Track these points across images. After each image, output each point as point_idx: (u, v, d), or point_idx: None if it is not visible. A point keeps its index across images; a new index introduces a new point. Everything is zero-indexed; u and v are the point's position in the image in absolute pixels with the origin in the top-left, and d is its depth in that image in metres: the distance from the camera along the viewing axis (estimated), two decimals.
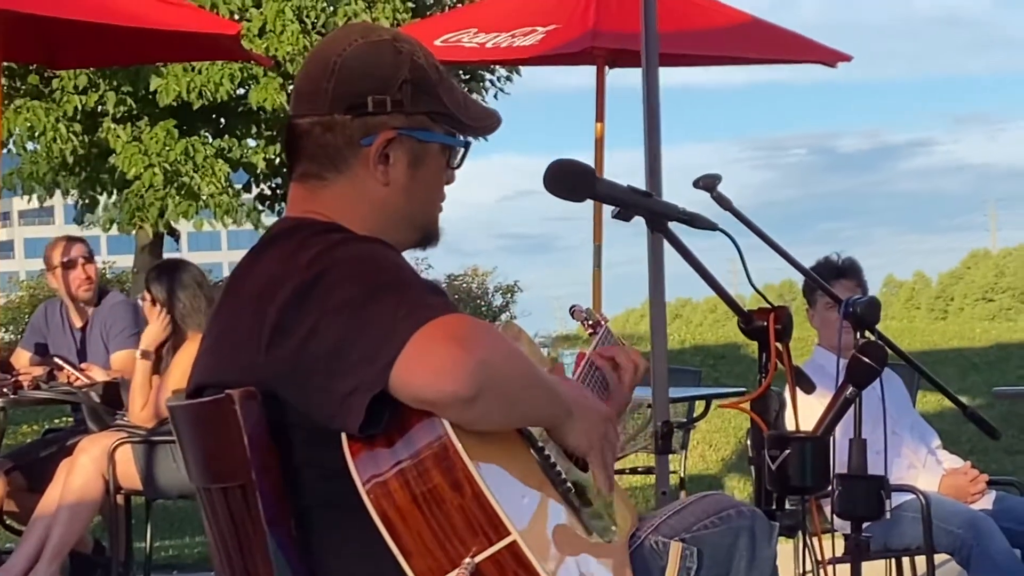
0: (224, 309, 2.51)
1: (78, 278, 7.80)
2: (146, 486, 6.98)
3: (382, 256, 2.38)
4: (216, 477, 2.40)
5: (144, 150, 15.93)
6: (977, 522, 5.67)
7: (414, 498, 2.19)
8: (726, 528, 2.78)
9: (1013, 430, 14.70)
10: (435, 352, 2.17)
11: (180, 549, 9.33)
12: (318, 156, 2.53)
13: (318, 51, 2.58)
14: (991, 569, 5.60)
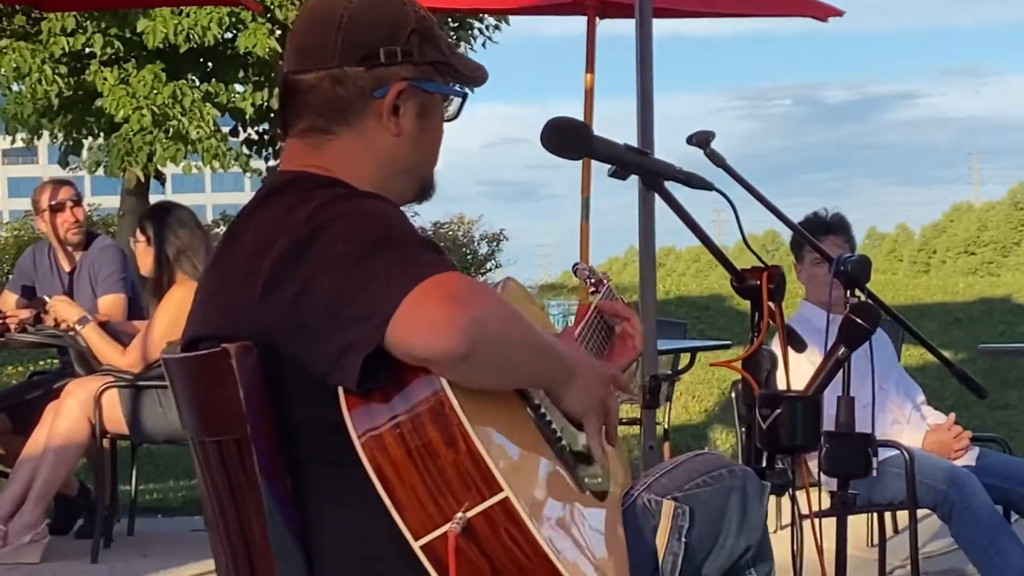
0: (220, 262, 2.51)
1: (66, 221, 7.78)
2: (132, 430, 6.99)
3: (381, 212, 2.37)
4: (211, 430, 2.41)
5: (132, 93, 15.87)
6: (960, 478, 5.70)
7: (408, 452, 2.20)
8: (718, 487, 2.80)
9: (996, 386, 14.77)
10: (430, 309, 2.18)
11: (165, 492, 9.35)
12: (326, 110, 2.52)
13: (319, 5, 2.56)
14: (973, 525, 5.63)
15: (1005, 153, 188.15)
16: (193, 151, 16.17)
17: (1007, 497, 5.95)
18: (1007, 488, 5.92)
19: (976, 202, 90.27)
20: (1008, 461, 6.08)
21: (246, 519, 2.36)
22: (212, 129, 16.26)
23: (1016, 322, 17.60)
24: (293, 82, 2.55)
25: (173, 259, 6.95)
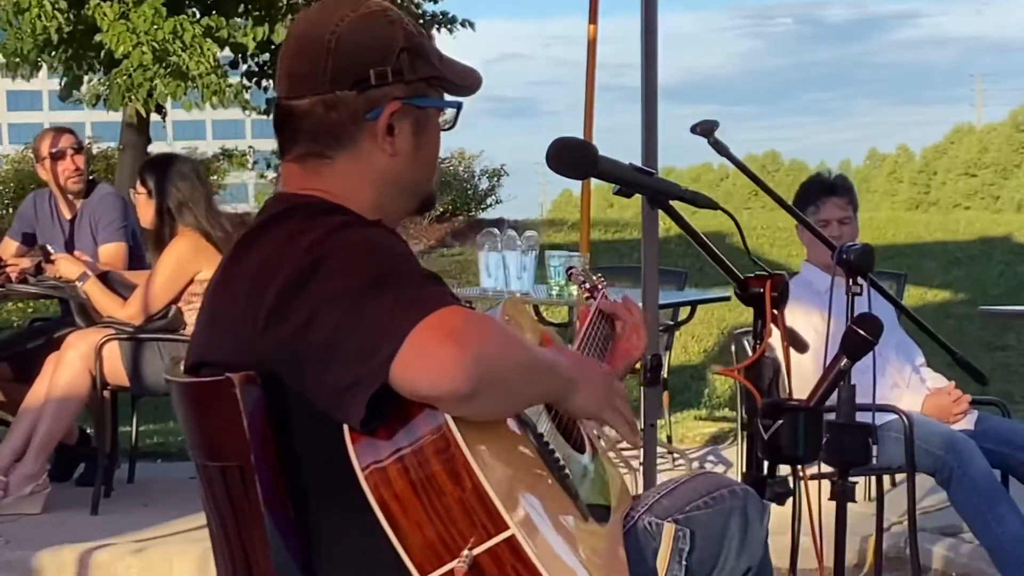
0: (221, 286, 2.51)
1: (67, 169, 7.77)
2: (133, 383, 7.01)
3: (382, 244, 2.37)
4: (214, 456, 2.42)
5: (132, 28, 15.75)
6: (958, 444, 5.72)
7: (413, 488, 2.20)
8: (719, 508, 2.81)
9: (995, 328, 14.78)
10: (432, 350, 2.18)
11: (165, 436, 9.38)
12: (320, 135, 2.51)
13: (307, 30, 2.54)
14: (970, 491, 5.66)
15: (1007, 74, 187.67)
16: (193, 87, 16.06)
17: (1005, 462, 5.97)
18: (1006, 453, 5.94)
19: (977, 124, 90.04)
20: (1007, 426, 6.10)
21: (248, 543, 2.37)
22: (212, 65, 16.15)
23: (1016, 261, 17.62)
24: (287, 108, 2.54)
25: (175, 211, 6.93)
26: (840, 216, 6.14)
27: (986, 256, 17.79)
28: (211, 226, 6.94)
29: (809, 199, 6.19)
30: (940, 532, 6.77)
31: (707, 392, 11.90)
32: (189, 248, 6.93)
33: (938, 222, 19.78)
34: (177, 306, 6.97)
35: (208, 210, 6.97)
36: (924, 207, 71.64)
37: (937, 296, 15.96)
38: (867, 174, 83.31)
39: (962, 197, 71.54)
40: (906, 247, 17.62)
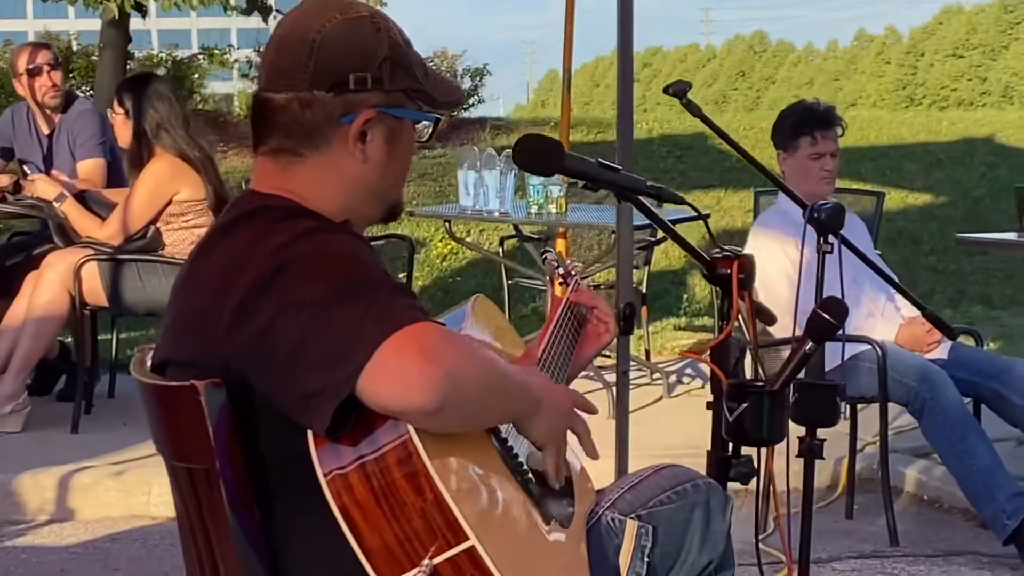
0: (187, 286, 2.51)
1: (44, 85, 7.75)
2: (112, 303, 7.04)
3: (351, 252, 2.37)
4: (180, 457, 2.43)
5: None
6: (931, 375, 5.77)
7: (374, 495, 2.22)
8: (682, 503, 2.84)
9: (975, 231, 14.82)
10: (402, 364, 2.19)
11: None
12: (294, 132, 2.50)
13: (293, 26, 2.53)
14: (942, 422, 5.72)
15: None
16: None
17: (977, 391, 6.03)
18: (978, 382, 6.00)
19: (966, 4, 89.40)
20: (980, 355, 6.15)
21: (216, 543, 2.39)
22: None
23: (998, 163, 17.61)
24: (265, 99, 2.53)
25: (152, 133, 6.93)
26: (833, 149, 6.15)
27: (968, 157, 17.76)
28: (189, 147, 6.94)
29: (805, 130, 6.16)
30: (912, 453, 6.86)
31: (686, 298, 11.96)
32: (166, 169, 6.93)
33: (921, 123, 19.73)
34: (155, 226, 6.99)
35: (186, 131, 6.97)
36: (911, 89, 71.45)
37: (919, 199, 15.97)
38: (854, 55, 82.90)
39: (949, 79, 71.27)
40: (888, 148, 17.60)
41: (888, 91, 73.96)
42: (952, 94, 69.45)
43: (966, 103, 66.54)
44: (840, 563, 5.64)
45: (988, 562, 5.64)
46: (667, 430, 7.05)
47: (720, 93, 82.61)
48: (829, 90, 77.90)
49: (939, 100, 69.43)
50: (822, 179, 6.15)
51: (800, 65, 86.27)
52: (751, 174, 15.52)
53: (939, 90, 71.38)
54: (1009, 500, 5.52)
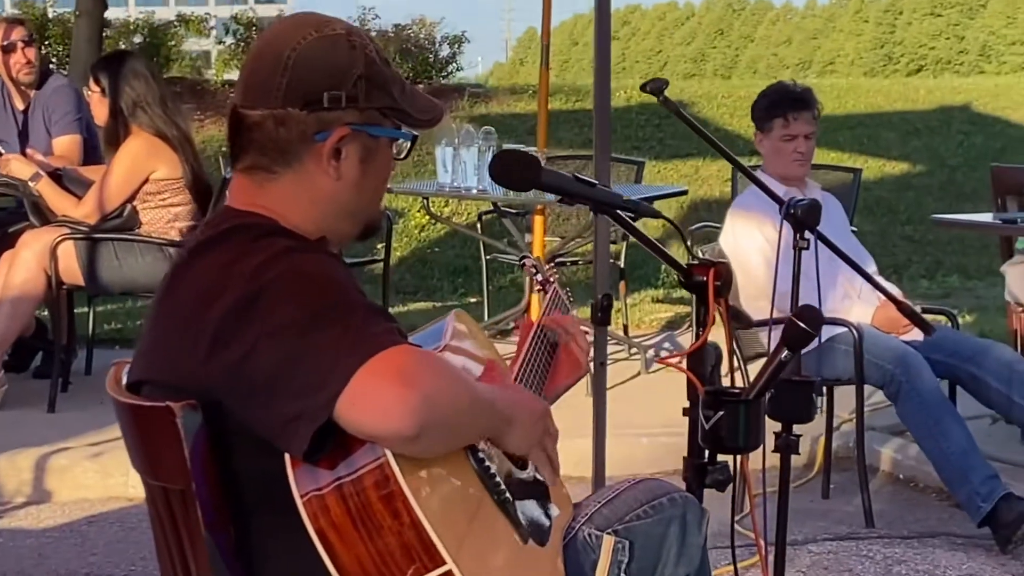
0: (164, 307, 2.49)
1: (18, 62, 7.72)
2: (88, 282, 7.03)
3: (326, 273, 2.36)
4: (156, 476, 2.43)
5: None
6: (907, 358, 5.79)
7: (351, 518, 2.22)
8: (658, 518, 2.84)
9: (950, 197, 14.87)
10: (379, 389, 2.19)
11: (123, 320, 9.39)
12: (268, 149, 2.50)
13: (269, 42, 2.52)
14: (918, 405, 5.75)
15: None
16: None
17: (953, 373, 6.05)
18: (953, 364, 6.02)
19: None
20: (955, 337, 6.17)
21: (192, 561, 2.40)
22: None
23: (974, 132, 17.65)
24: (240, 115, 2.52)
25: (128, 111, 6.91)
26: (807, 131, 6.17)
27: (945, 126, 17.79)
28: (166, 125, 6.93)
29: (778, 112, 6.19)
30: (888, 431, 6.89)
31: (663, 269, 11.97)
32: (143, 148, 6.91)
33: (898, 91, 19.73)
34: (132, 205, 6.97)
35: (163, 109, 6.95)
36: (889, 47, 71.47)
37: (896, 168, 16.00)
38: (833, 13, 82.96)
39: (927, 37, 71.41)
40: (865, 117, 17.61)
41: (866, 49, 74.01)
42: (930, 52, 69.57)
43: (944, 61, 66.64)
44: (816, 545, 5.67)
45: (963, 543, 5.67)
46: (644, 407, 7.07)
47: (699, 51, 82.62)
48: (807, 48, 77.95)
49: (917, 58, 69.55)
50: (794, 160, 6.18)
51: (778, 24, 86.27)
52: (730, 142, 15.48)
53: (917, 48, 71.43)
54: (983, 483, 5.55)
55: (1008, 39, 64.22)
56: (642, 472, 6.57)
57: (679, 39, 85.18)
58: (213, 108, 16.41)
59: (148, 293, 7.30)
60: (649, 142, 15.64)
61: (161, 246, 6.95)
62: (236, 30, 18.79)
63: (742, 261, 6.20)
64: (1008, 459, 6.27)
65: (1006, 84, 22.02)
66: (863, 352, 5.80)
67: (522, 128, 15.78)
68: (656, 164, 14.77)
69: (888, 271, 11.70)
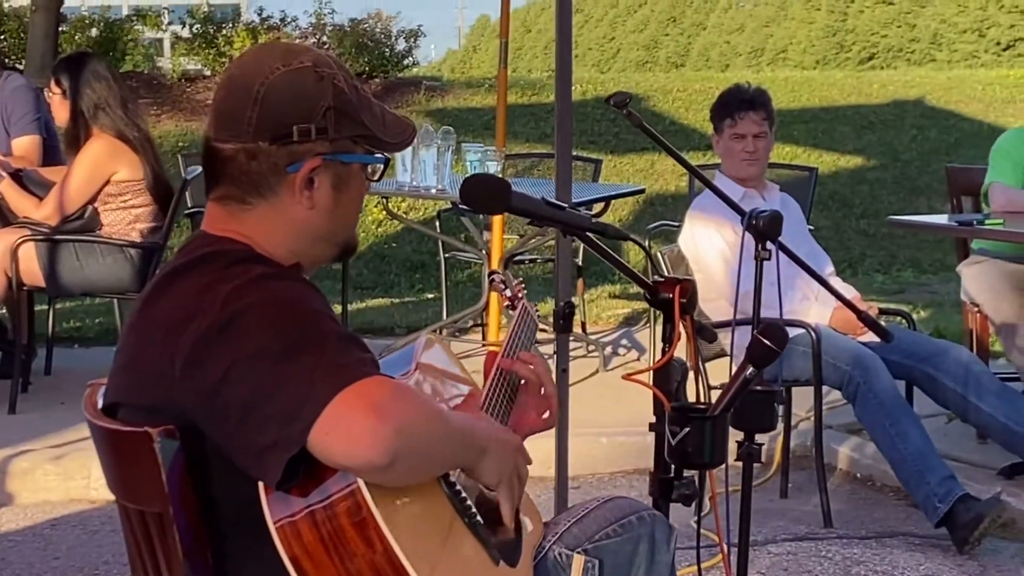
0: (138, 329, 2.51)
1: None
2: (48, 284, 7.03)
3: (300, 300, 2.39)
4: (133, 499, 2.45)
5: None
6: (864, 360, 5.85)
7: (324, 546, 2.25)
8: (627, 536, 2.89)
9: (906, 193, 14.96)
10: (353, 421, 2.22)
11: (82, 319, 9.38)
12: (242, 182, 2.53)
13: (237, 76, 2.55)
14: (875, 406, 5.80)
15: None
16: None
17: (910, 374, 6.11)
18: (910, 365, 6.08)
19: None
20: (912, 338, 6.22)
21: None
22: None
23: (928, 125, 17.74)
24: (213, 149, 2.55)
25: (89, 113, 6.92)
26: (756, 131, 6.22)
27: (899, 120, 17.88)
28: (127, 127, 6.94)
29: (727, 112, 6.26)
30: (845, 430, 6.95)
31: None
32: (104, 150, 6.92)
33: (852, 85, 19.82)
34: (93, 207, 6.97)
35: (124, 111, 6.95)
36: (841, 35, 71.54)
37: (850, 162, 16.09)
38: (785, 1, 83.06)
39: (879, 26, 71.51)
40: (820, 111, 17.69)
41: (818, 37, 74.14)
42: (882, 40, 69.70)
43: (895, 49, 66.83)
44: (775, 546, 5.71)
45: (920, 543, 5.72)
46: (605, 406, 7.11)
47: (651, 39, 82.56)
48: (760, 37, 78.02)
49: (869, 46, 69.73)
50: (743, 160, 6.25)
51: (731, 11, 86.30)
52: (685, 137, 15.63)
53: (869, 36, 71.61)
54: (940, 484, 5.61)
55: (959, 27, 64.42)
56: (601, 471, 6.70)
57: (631, 27, 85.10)
58: (169, 103, 16.36)
59: (108, 294, 7.33)
60: (605, 136, 15.68)
61: (122, 247, 6.96)
62: (192, 24, 18.72)
63: (701, 263, 6.26)
64: (964, 458, 6.34)
65: (959, 77, 22.14)
66: (821, 353, 5.85)
67: (478, 123, 15.78)
68: (612, 159, 14.81)
69: (843, 265, 11.80)
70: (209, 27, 18.51)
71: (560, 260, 4.72)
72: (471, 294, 10.82)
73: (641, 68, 70.91)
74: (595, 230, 2.88)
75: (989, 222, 6.32)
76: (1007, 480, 6.12)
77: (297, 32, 19.22)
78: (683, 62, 75.55)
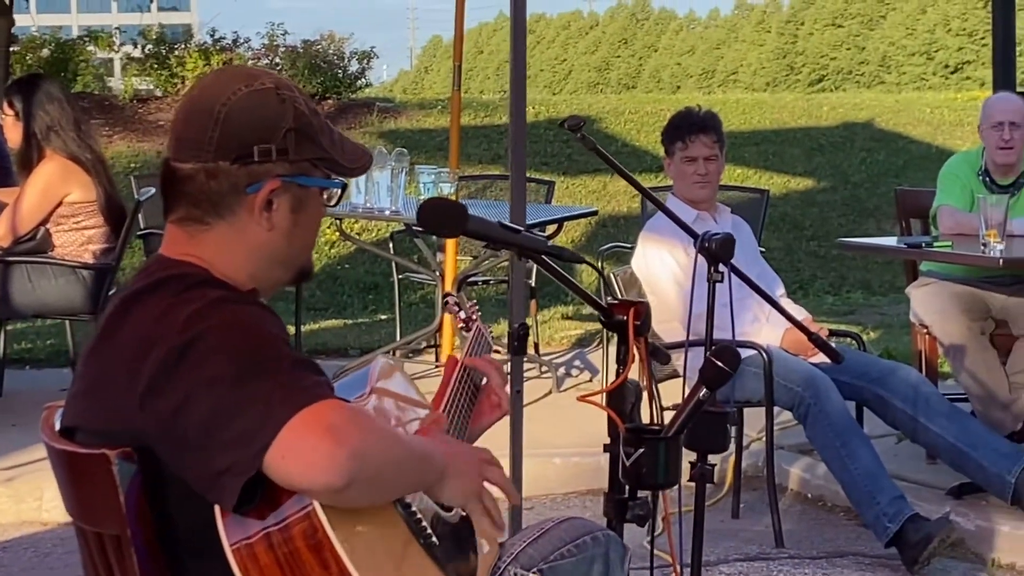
0: (99, 354, 2.52)
1: None
2: (0, 305, 7.00)
3: (257, 325, 2.40)
4: (91, 522, 2.46)
5: None
6: (815, 380, 5.89)
7: (280, 568, 2.26)
8: (582, 556, 2.91)
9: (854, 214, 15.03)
10: (308, 444, 2.23)
11: (33, 340, 9.35)
12: (201, 202, 2.54)
13: (199, 97, 2.57)
14: (826, 427, 5.84)
15: None
16: None
17: (860, 395, 6.16)
18: (860, 386, 6.13)
19: None
20: (863, 359, 6.27)
21: None
22: None
23: (877, 148, 17.86)
24: (172, 169, 2.56)
25: (42, 135, 6.93)
26: (707, 154, 6.27)
27: (848, 142, 17.99)
28: (80, 148, 6.94)
29: (678, 135, 6.32)
30: (796, 450, 6.99)
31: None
32: (57, 171, 6.92)
33: (802, 107, 19.94)
34: (45, 228, 6.96)
35: (77, 133, 6.96)
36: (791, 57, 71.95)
37: (800, 184, 16.18)
38: (735, 23, 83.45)
39: (828, 48, 71.94)
40: (771, 133, 17.80)
41: (768, 59, 74.49)
42: (831, 63, 70.11)
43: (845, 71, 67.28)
44: (727, 566, 5.74)
45: (870, 564, 5.76)
46: (558, 426, 7.13)
47: (603, 60, 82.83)
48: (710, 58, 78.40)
49: (818, 68, 70.15)
50: (695, 183, 6.30)
51: (682, 33, 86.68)
52: (637, 159, 15.69)
53: (819, 58, 72.01)
54: (891, 504, 5.65)
55: (907, 50, 64.89)
56: (555, 491, 6.72)
57: (583, 48, 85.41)
58: (121, 123, 16.32)
59: (60, 315, 7.31)
60: (557, 158, 15.73)
61: (74, 269, 6.95)
62: (144, 45, 18.70)
63: (653, 285, 6.29)
64: (913, 478, 6.38)
65: (907, 100, 22.31)
66: (773, 375, 5.89)
67: (431, 144, 15.80)
68: (565, 180, 14.85)
69: (794, 287, 11.87)
70: (161, 48, 18.49)
71: (514, 282, 4.75)
72: (424, 315, 10.83)
73: (592, 89, 71.14)
74: (551, 253, 2.91)
75: (938, 244, 6.38)
76: (956, 500, 6.16)
77: (250, 53, 19.20)
78: (634, 84, 75.91)
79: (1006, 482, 5.84)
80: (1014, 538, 5.82)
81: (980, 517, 5.96)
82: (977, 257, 6.13)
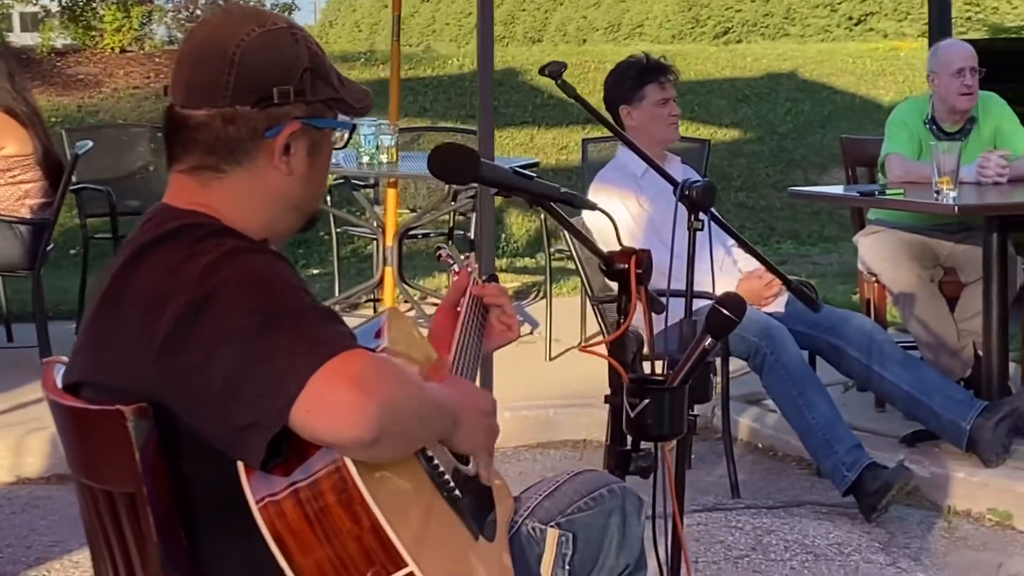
0: (107, 307, 2.42)
1: None
2: None
3: (275, 274, 2.32)
4: (100, 480, 2.37)
5: None
6: (771, 330, 5.89)
7: (309, 522, 2.19)
8: (599, 509, 2.87)
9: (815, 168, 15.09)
10: (336, 397, 2.16)
11: None
12: (216, 149, 2.45)
13: (207, 41, 2.47)
14: (783, 377, 5.84)
15: None
16: None
17: (814, 344, 6.16)
18: (814, 335, 6.13)
19: None
20: None
21: (140, 568, 2.35)
22: None
23: (802, 98, 17.90)
24: (182, 117, 2.46)
25: None
26: (674, 95, 6.30)
27: (773, 93, 18.02)
28: (15, 101, 6.80)
29: (651, 78, 6.30)
30: (744, 400, 7.00)
31: (504, 237, 12.01)
32: None
33: (726, 59, 19.92)
34: None
35: (11, 85, 6.81)
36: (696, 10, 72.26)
37: (727, 135, 16.18)
38: None
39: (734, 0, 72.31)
40: (696, 84, 17.77)
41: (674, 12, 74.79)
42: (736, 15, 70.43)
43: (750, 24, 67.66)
44: (687, 516, 5.67)
45: (827, 512, 5.79)
46: (503, 379, 7.08)
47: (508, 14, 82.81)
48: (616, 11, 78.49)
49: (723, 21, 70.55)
50: (670, 124, 6.32)
51: None
52: (563, 111, 15.60)
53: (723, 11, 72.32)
54: (848, 452, 5.67)
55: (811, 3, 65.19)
56: (505, 445, 6.68)
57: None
58: (40, 77, 16.06)
59: None
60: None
61: (11, 224, 6.80)
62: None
63: (606, 236, 6.24)
64: (864, 427, 6.42)
65: (830, 51, 22.32)
66: None
67: None
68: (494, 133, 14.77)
69: None
70: (79, 1, 18.20)
71: (483, 233, 4.68)
72: (356, 269, 10.74)
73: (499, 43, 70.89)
74: (563, 200, 2.86)
75: (890, 192, 6.38)
76: (909, 448, 6.20)
77: (171, 5, 18.94)
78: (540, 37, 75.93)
79: (961, 429, 5.88)
80: (969, 485, 5.86)
81: (935, 464, 6.00)
82: (932, 204, 6.14)
